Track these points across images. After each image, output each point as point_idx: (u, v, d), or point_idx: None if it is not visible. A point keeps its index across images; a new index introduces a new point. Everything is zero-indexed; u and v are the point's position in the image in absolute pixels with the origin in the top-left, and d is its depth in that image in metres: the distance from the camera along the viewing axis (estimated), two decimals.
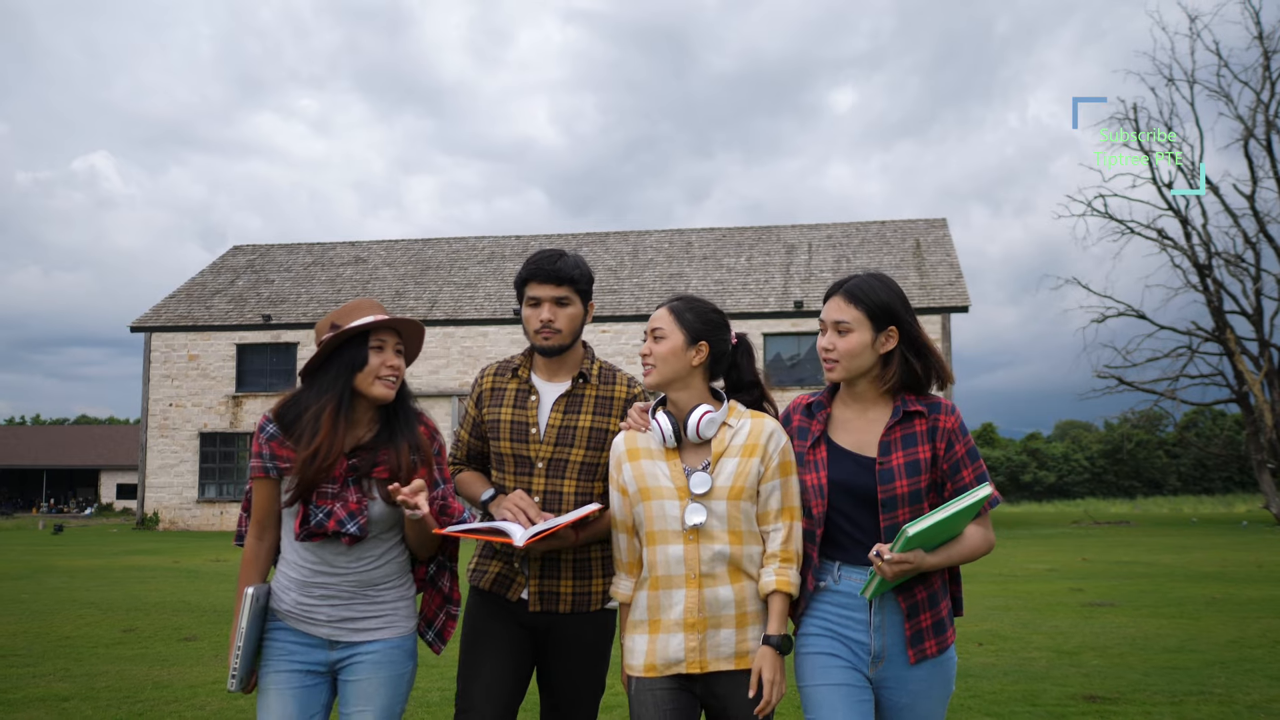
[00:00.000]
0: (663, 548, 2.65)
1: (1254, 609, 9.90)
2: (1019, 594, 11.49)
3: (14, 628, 9.29)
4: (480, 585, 3.05)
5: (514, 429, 3.03)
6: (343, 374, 2.71)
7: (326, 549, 2.71)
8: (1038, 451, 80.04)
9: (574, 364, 3.08)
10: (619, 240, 35.10)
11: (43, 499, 65.52)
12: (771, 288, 30.54)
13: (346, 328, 2.70)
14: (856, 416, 2.69)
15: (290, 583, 2.75)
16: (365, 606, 2.74)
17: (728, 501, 2.62)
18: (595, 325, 29.88)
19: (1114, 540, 23.06)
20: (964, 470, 2.59)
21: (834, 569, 2.61)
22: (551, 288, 2.97)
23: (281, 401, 2.78)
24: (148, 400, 32.11)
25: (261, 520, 2.80)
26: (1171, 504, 55.01)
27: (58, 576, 15.28)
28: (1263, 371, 31.73)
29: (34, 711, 5.76)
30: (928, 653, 2.54)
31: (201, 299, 33.72)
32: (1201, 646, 7.65)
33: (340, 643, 2.73)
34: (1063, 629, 8.64)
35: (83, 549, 22.73)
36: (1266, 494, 31.74)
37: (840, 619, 2.58)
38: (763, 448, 2.66)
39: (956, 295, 28.74)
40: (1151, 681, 6.31)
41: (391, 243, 37.06)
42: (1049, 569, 15.14)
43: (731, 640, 2.61)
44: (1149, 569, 14.94)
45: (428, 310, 31.32)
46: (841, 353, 2.63)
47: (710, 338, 2.75)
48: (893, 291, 2.66)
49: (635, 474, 2.73)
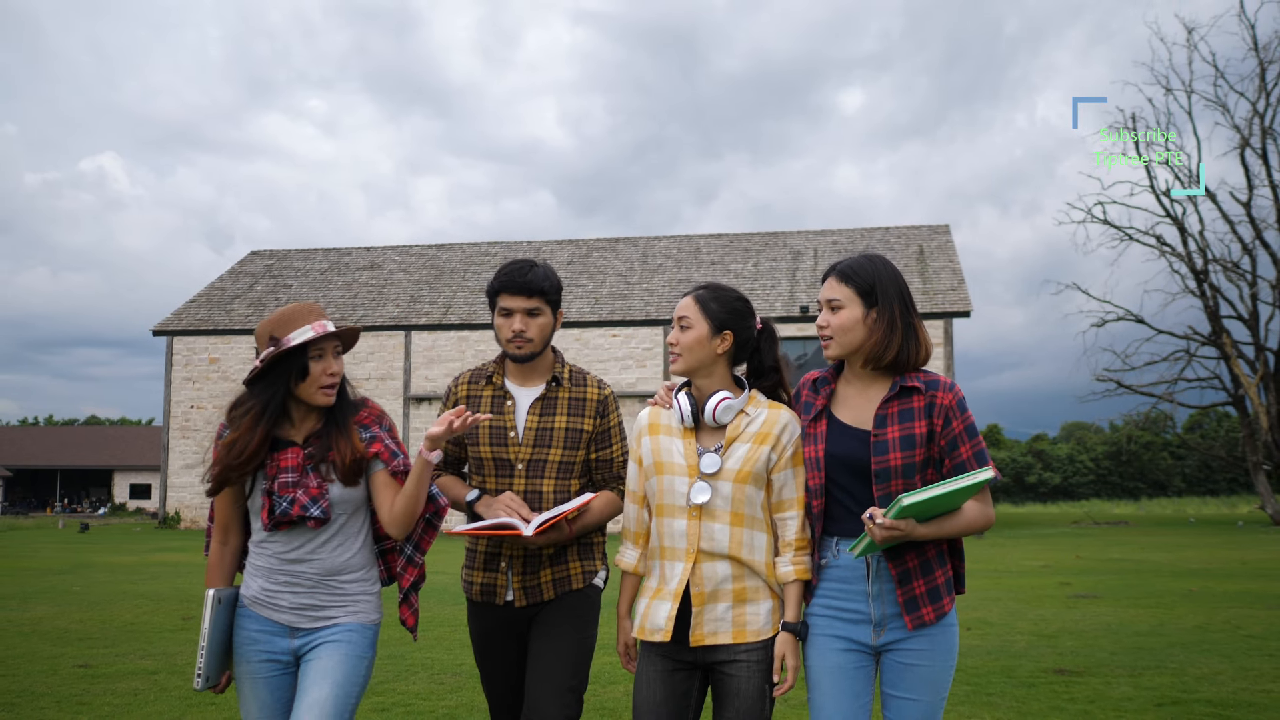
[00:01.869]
0: (669, 520, 2.77)
1: (1226, 600, 10.63)
2: (1010, 588, 12.22)
3: (79, 616, 10.05)
4: (471, 596, 3.20)
5: (493, 433, 3.14)
6: (281, 382, 2.78)
7: (296, 536, 2.79)
8: (1043, 453, 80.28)
9: (545, 369, 3.20)
10: (629, 246, 35.86)
11: (57, 499, 66.34)
12: (778, 293, 31.27)
13: (288, 341, 2.75)
14: (857, 394, 2.76)
15: (257, 571, 2.84)
16: (328, 596, 2.81)
17: (734, 484, 2.72)
18: (606, 329, 30.69)
19: (1110, 540, 23.75)
20: (961, 447, 2.63)
21: (833, 544, 2.70)
22: (523, 299, 3.07)
23: (231, 407, 2.87)
24: (169, 402, 32.92)
25: (225, 525, 2.90)
26: (1175, 505, 55.45)
27: (98, 571, 15.96)
28: (1258, 375, 32.43)
29: (131, 682, 6.55)
30: (925, 619, 2.60)
31: (221, 304, 34.56)
32: (1169, 631, 8.40)
33: (301, 629, 2.80)
34: (1046, 617, 9.39)
35: (112, 547, 23.43)
36: (1262, 495, 32.45)
37: (841, 593, 2.67)
38: (775, 437, 2.76)
39: (959, 301, 29.44)
40: (1117, 659, 7.07)
41: (406, 248, 37.87)
42: (1043, 565, 15.85)
43: (729, 615, 2.71)
44: (1137, 566, 15.65)
45: (443, 314, 32.11)
46: (835, 328, 2.71)
47: (735, 326, 2.82)
48: (881, 269, 2.73)
49: (652, 448, 2.85)
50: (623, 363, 30.42)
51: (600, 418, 3.16)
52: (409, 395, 31.66)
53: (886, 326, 2.67)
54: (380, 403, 30.77)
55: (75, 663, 7.27)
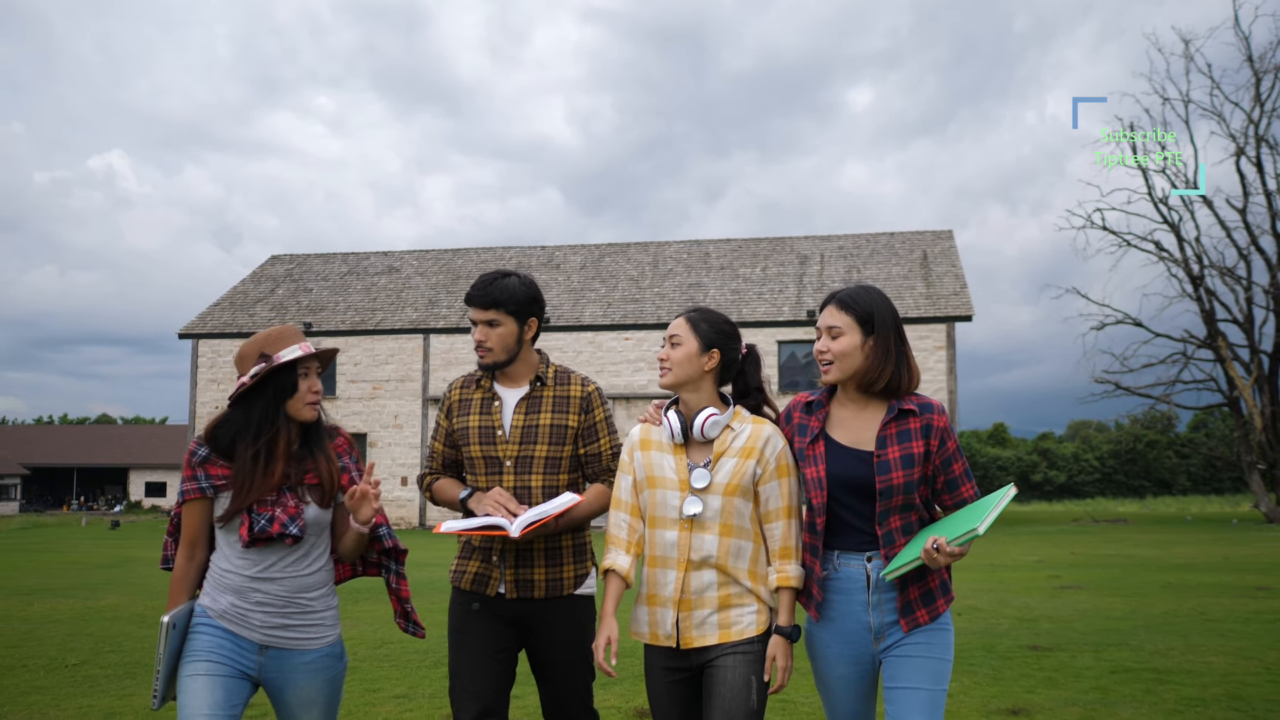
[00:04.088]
0: (661, 532, 2.90)
1: (1198, 591, 11.54)
2: (1002, 580, 13.13)
3: (142, 606, 10.92)
4: (461, 585, 3.28)
5: (482, 433, 3.27)
6: (277, 400, 2.90)
7: (268, 554, 2.86)
8: (1048, 451, 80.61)
9: (528, 370, 3.32)
10: (640, 250, 36.83)
11: (73, 497, 67.33)
12: (785, 297, 32.20)
13: (279, 358, 2.88)
14: (853, 416, 2.90)
15: (225, 588, 2.87)
16: (299, 616, 2.90)
17: (723, 497, 2.85)
18: (618, 332, 31.66)
19: (1106, 537, 24.61)
20: (955, 463, 2.83)
21: (834, 558, 2.84)
22: (480, 310, 3.22)
23: (212, 425, 2.94)
24: (194, 403, 33.98)
25: (193, 540, 2.93)
26: (1180, 504, 55.99)
27: (144, 565, 16.72)
28: (1253, 377, 33.35)
29: None
30: (919, 621, 2.75)
31: (244, 307, 35.62)
32: (1139, 617, 9.32)
33: (270, 648, 2.88)
34: (1030, 604, 10.32)
35: (148, 543, 24.09)
36: (1256, 493, 33.43)
37: (843, 604, 2.83)
38: (759, 451, 2.89)
39: (961, 305, 30.34)
40: (1086, 638, 8.00)
41: (422, 252, 38.91)
42: (1037, 560, 16.73)
43: (715, 620, 2.85)
44: (1126, 561, 16.53)
45: (460, 318, 33.09)
46: (836, 353, 2.85)
47: (722, 346, 2.98)
48: (877, 300, 2.89)
49: (644, 463, 2.97)
50: (634, 365, 31.40)
51: (585, 413, 3.29)
52: (427, 396, 32.71)
53: (882, 354, 2.83)
54: (399, 403, 31.35)
55: None
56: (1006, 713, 5.52)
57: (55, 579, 14.49)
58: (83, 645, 8.17)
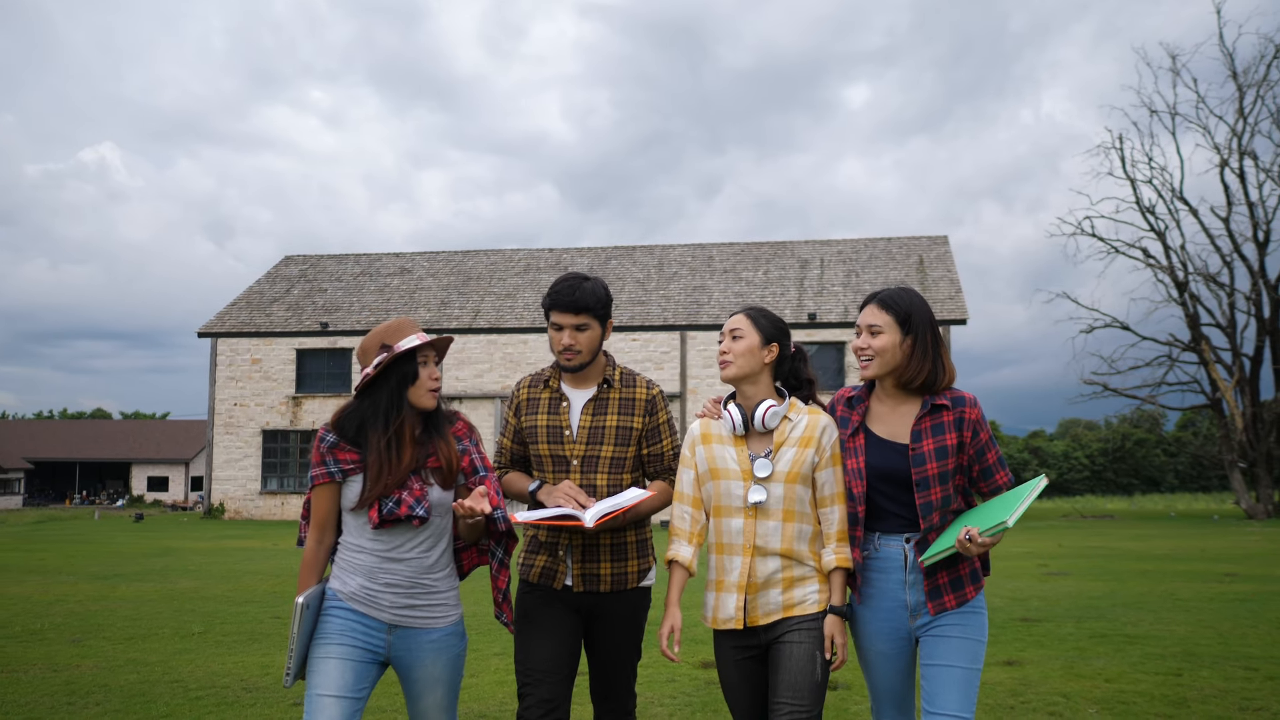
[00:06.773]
0: (727, 520, 3.00)
1: (1172, 577, 12.78)
2: (996, 568, 14.18)
3: (219, 589, 11.84)
4: (529, 578, 3.35)
5: (550, 432, 3.33)
6: (400, 388, 2.98)
7: (397, 535, 2.95)
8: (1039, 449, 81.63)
9: (598, 372, 3.37)
10: (645, 254, 37.98)
11: (76, 491, 67.93)
12: (787, 300, 33.37)
13: (399, 347, 2.95)
14: (889, 411, 3.01)
15: (355, 569, 2.96)
16: (424, 596, 2.99)
17: (785, 485, 2.95)
18: (625, 333, 32.74)
19: (1093, 532, 25.85)
20: (989, 452, 2.96)
21: (874, 539, 2.97)
22: (571, 315, 3.24)
23: (339, 414, 3.02)
24: (214, 400, 35.05)
25: (323, 523, 3.00)
26: (1166, 501, 57.09)
27: (192, 555, 17.34)
28: (1234, 379, 34.83)
29: None
30: (946, 605, 2.86)
31: (261, 307, 36.69)
32: (1117, 596, 10.56)
33: (399, 627, 2.97)
34: (1021, 588, 11.54)
35: (178, 535, 24.63)
36: (1236, 491, 34.87)
37: (881, 583, 2.96)
38: (817, 440, 3.00)
39: (956, 309, 31.57)
40: (1069, 613, 9.22)
41: (434, 254, 40.01)
42: (1027, 552, 17.94)
43: (779, 599, 2.96)
44: (1110, 552, 17.76)
45: (471, 319, 34.18)
46: (875, 350, 2.96)
47: (780, 341, 3.10)
48: (916, 301, 3.01)
49: (707, 456, 3.06)
50: (641, 365, 32.49)
51: (649, 415, 3.35)
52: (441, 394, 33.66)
53: (920, 352, 2.95)
54: None
55: (269, 615, 9.39)
56: (1003, 664, 6.73)
57: (119, 567, 15.14)
58: (193, 619, 9.20)
